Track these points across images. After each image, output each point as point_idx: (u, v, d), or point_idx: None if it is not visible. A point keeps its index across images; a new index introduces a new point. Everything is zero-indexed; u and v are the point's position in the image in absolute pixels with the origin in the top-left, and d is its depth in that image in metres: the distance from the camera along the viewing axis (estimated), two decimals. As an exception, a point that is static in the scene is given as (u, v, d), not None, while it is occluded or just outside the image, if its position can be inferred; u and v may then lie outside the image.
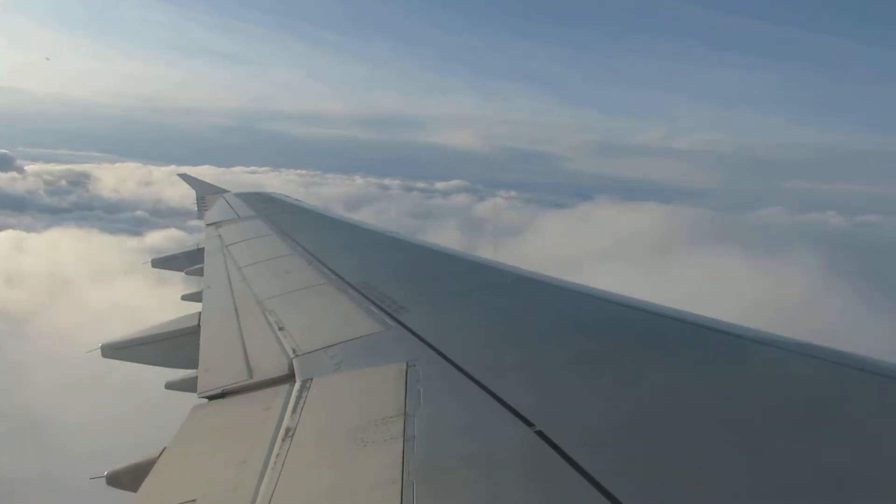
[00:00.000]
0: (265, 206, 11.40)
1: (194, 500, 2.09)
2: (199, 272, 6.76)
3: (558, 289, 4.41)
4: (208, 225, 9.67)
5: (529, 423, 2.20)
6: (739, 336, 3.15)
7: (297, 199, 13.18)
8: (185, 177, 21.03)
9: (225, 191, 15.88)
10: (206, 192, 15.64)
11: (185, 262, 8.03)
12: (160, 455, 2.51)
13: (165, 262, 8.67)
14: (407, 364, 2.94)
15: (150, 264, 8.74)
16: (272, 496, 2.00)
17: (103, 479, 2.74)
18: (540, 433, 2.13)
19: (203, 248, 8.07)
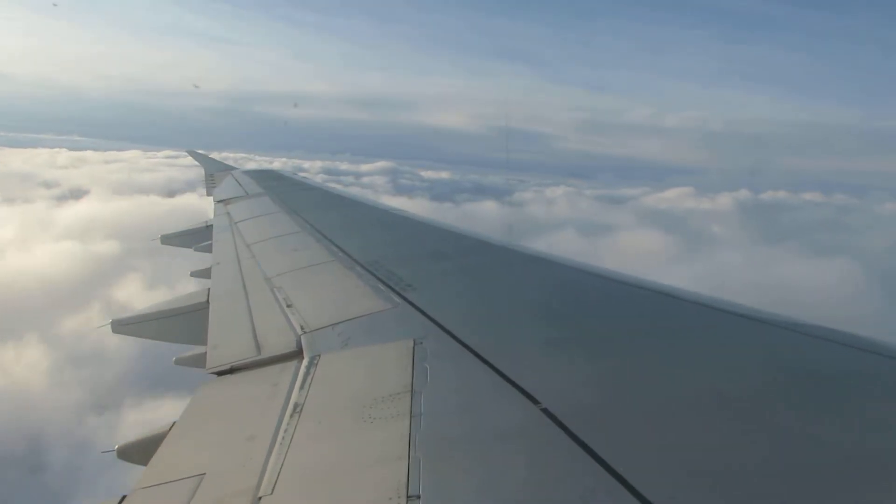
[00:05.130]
0: (273, 183, 11.40)
1: (203, 474, 2.12)
2: (208, 249, 6.79)
3: (566, 268, 4.40)
4: (217, 202, 9.69)
5: (535, 401, 2.21)
6: (744, 315, 3.14)
7: (305, 177, 13.19)
8: (193, 154, 21.00)
9: (233, 168, 15.90)
10: (214, 170, 15.66)
11: (194, 238, 8.08)
12: (170, 429, 2.54)
13: (174, 239, 8.71)
14: (414, 341, 2.95)
15: (159, 241, 8.80)
16: (280, 471, 2.02)
17: (114, 453, 2.78)
18: (545, 411, 2.14)
19: (212, 225, 8.11)
